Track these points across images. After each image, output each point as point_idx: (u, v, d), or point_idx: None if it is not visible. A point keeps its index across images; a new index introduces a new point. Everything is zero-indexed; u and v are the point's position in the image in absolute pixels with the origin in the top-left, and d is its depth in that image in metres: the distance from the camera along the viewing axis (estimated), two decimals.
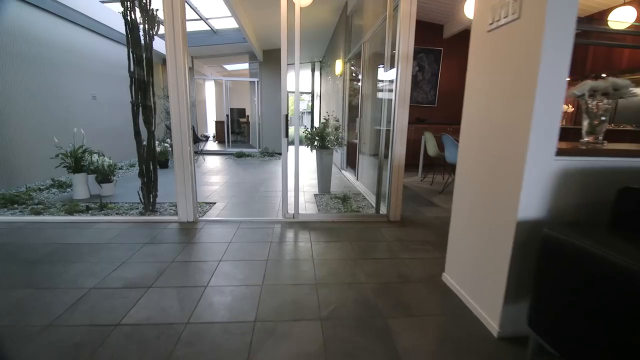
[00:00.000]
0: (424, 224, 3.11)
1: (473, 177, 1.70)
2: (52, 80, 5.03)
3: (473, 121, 1.71)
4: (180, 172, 2.83)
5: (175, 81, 2.68)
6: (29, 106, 4.62)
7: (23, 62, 4.53)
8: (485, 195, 1.59)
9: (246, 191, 4.48)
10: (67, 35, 5.37)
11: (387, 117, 4.32)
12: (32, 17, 4.69)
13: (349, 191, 4.46)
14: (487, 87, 1.59)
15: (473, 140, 1.71)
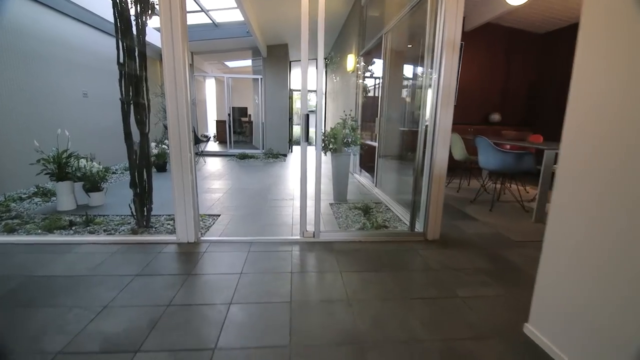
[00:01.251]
0: (467, 243, 2.63)
1: (589, 194, 1.22)
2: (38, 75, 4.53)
3: (590, 121, 1.23)
4: (179, 183, 2.34)
5: (172, 76, 2.19)
6: (10, 104, 4.13)
7: (4, 55, 4.03)
8: (615, 222, 1.11)
9: (253, 199, 4.00)
10: (55, 26, 4.87)
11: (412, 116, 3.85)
12: (15, 6, 4.19)
13: (368, 199, 3.98)
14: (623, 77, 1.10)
15: (587, 144, 1.22)
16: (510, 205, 3.85)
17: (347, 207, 3.72)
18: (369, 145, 4.85)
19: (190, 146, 2.30)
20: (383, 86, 4.09)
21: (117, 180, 5.03)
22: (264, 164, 7.22)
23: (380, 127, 4.18)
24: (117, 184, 4.76)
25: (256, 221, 3.16)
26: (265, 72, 8.45)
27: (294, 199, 4.11)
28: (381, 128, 4.16)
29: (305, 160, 2.47)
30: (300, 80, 2.35)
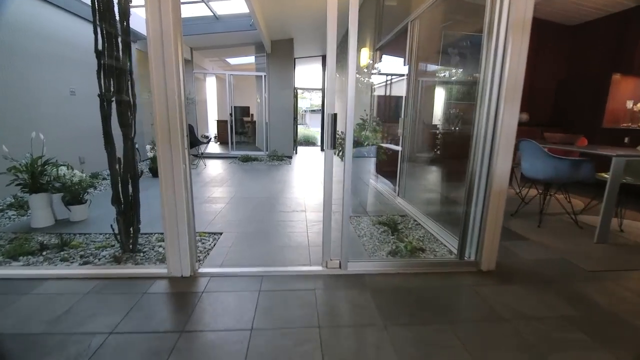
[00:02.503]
0: (531, 275, 2.11)
1: None
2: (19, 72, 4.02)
3: None
4: (170, 203, 1.83)
5: (160, 68, 1.67)
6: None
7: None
8: None
9: (259, 211, 3.48)
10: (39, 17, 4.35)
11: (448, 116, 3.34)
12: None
13: (391, 211, 3.46)
14: None
15: None
16: (557, 219, 3.32)
17: (370, 222, 3.20)
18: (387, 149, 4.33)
19: (184, 155, 1.79)
20: (409, 82, 3.57)
21: (107, 189, 4.52)
22: (268, 167, 6.71)
23: (405, 128, 3.66)
24: (107, 193, 4.25)
25: (265, 241, 2.65)
26: (269, 69, 7.93)
27: (306, 210, 3.59)
28: (406, 129, 3.64)
29: (331, 172, 1.94)
30: (326, 70, 1.84)
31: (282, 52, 7.84)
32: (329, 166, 1.92)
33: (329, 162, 1.91)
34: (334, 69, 1.82)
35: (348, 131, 1.84)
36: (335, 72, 1.82)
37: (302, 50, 8.92)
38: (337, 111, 1.84)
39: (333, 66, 1.81)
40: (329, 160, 1.91)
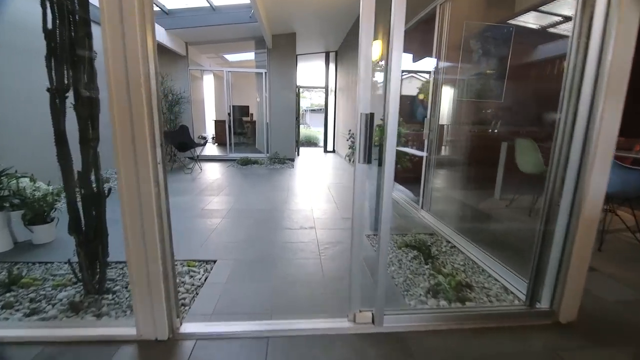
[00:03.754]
0: (624, 329, 1.58)
1: None
2: None
3: None
4: (137, 240, 1.28)
5: (119, 49, 1.13)
6: None
7: None
8: None
9: (262, 229, 2.95)
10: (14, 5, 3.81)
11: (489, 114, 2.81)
12: None
13: (415, 227, 2.94)
14: None
15: None
16: (614, 238, 2.80)
17: (394, 242, 2.67)
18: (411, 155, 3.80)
19: (156, 172, 1.25)
20: (439, 75, 3.04)
21: None
22: (269, 171, 6.17)
23: (432, 130, 3.13)
24: None
25: (269, 273, 2.11)
26: (270, 65, 7.39)
27: (315, 226, 3.06)
28: (432, 132, 3.11)
29: (363, 197, 1.41)
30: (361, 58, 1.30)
31: (283, 47, 7.30)
32: (360, 188, 1.38)
33: (360, 184, 1.38)
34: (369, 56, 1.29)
35: (389, 139, 1.31)
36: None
37: (304, 46, 8.39)
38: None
39: (368, 51, 1.28)
40: (360, 180, 1.38)
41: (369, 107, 1.31)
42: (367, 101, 1.30)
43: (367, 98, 1.30)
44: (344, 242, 2.69)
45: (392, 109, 1.29)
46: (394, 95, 1.28)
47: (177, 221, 3.09)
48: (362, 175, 1.37)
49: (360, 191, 1.38)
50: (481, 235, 2.75)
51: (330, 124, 10.18)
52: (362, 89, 1.30)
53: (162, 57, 7.09)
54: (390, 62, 1.27)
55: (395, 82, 1.28)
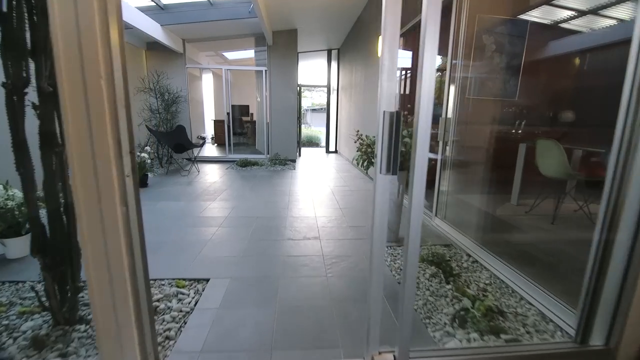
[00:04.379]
0: None
1: None
2: None
3: None
4: (101, 277, 1.01)
5: (72, 30, 0.85)
6: None
7: None
8: None
9: (262, 240, 2.68)
10: None
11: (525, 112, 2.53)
12: None
13: (429, 237, 2.66)
14: None
15: None
16: None
17: None
18: None
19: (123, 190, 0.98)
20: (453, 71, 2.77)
21: None
22: (270, 173, 5.91)
23: (447, 131, 2.86)
24: None
25: (269, 297, 1.85)
26: (270, 63, 7.12)
27: (320, 237, 2.80)
28: (448, 132, 2.83)
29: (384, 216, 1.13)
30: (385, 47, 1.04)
31: (284, 44, 7.03)
32: (381, 206, 1.11)
33: (381, 201, 1.10)
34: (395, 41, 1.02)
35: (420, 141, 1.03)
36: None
37: (305, 43, 8.12)
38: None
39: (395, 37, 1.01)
40: (381, 196, 1.10)
41: (395, 103, 1.03)
42: (393, 96, 1.03)
43: (393, 92, 1.03)
44: (352, 255, 2.42)
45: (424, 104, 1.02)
46: (427, 88, 1.01)
47: (168, 231, 2.83)
48: (384, 189, 1.09)
49: (381, 210, 1.11)
50: (505, 247, 2.48)
51: (333, 124, 9.91)
52: (385, 81, 1.03)
53: (158, 55, 6.83)
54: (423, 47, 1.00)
55: (429, 71, 1.01)
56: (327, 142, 10.03)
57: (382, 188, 1.09)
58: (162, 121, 6.42)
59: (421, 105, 1.01)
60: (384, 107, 1.04)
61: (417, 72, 1.02)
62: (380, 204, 1.10)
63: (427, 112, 1.02)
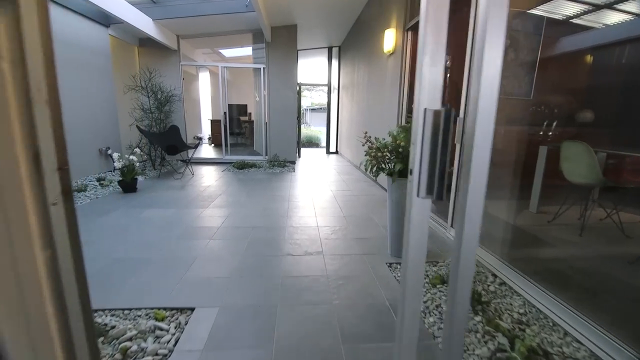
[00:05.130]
0: None
1: None
2: None
3: None
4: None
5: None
6: None
7: None
8: None
9: (257, 256, 2.37)
10: None
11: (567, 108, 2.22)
12: None
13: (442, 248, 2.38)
14: None
15: None
16: None
17: (425, 276, 2.10)
18: None
19: (51, 219, 0.67)
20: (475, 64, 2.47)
21: None
22: (268, 176, 5.60)
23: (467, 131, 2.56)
24: None
25: (265, 333, 1.54)
26: (269, 60, 6.82)
27: (323, 251, 2.49)
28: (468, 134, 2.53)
29: (421, 251, 0.82)
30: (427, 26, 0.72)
31: (284, 40, 6.73)
32: (418, 241, 0.80)
33: (419, 233, 0.79)
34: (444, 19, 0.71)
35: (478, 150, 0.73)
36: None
37: (305, 41, 7.81)
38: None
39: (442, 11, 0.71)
40: (419, 226, 0.79)
41: (440, 98, 0.73)
42: (438, 88, 0.73)
43: (438, 83, 0.73)
44: (361, 275, 2.12)
45: (486, 97, 0.72)
46: (491, 80, 0.71)
47: (153, 246, 2.52)
48: (422, 216, 0.79)
49: (418, 247, 0.80)
50: (535, 265, 2.18)
51: (333, 124, 9.61)
52: (428, 65, 0.72)
53: (151, 52, 6.51)
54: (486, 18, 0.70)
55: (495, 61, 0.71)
56: (328, 143, 9.73)
57: (419, 215, 0.78)
58: (155, 121, 6.10)
59: (480, 101, 0.71)
60: (426, 104, 0.73)
61: (473, 56, 0.72)
62: (417, 238, 0.79)
63: (489, 112, 0.71)
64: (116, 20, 5.31)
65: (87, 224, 3.01)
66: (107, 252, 2.40)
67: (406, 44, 3.86)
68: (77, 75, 4.78)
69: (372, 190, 4.64)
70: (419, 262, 0.81)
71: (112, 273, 2.09)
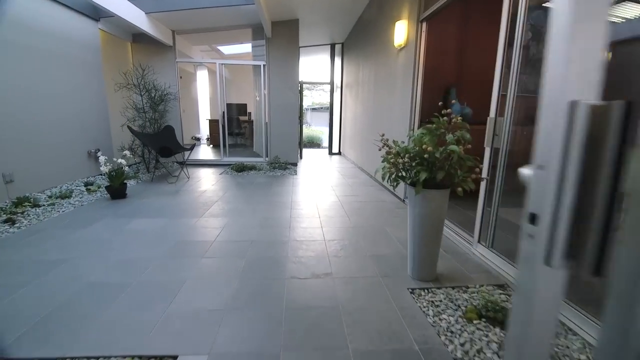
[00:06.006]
0: None
1: None
2: None
3: None
4: None
5: None
6: None
7: None
8: None
9: (257, 280, 2.02)
10: None
11: None
12: None
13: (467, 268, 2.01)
14: None
15: None
16: None
17: (453, 303, 1.76)
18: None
19: None
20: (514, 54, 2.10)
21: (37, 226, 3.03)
22: (268, 179, 5.25)
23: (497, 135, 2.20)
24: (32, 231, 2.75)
25: None
26: (269, 57, 6.47)
27: (332, 272, 2.15)
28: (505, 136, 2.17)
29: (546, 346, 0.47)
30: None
31: (285, 36, 6.37)
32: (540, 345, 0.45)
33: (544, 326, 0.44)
34: None
35: None
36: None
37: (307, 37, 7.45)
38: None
39: None
40: (546, 313, 0.44)
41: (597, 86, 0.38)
42: (597, 69, 0.37)
43: (597, 61, 0.37)
44: (380, 307, 1.77)
45: None
46: None
47: (134, 266, 2.16)
48: (550, 303, 0.43)
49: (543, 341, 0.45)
50: (584, 292, 1.83)
51: (336, 124, 9.26)
52: (580, 22, 0.37)
53: (146, 48, 6.16)
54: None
55: None
56: (330, 143, 9.38)
57: (545, 301, 0.43)
58: (150, 121, 5.75)
59: None
60: (573, 93, 0.38)
61: None
62: (540, 340, 0.44)
63: None
64: (106, 13, 4.96)
65: (64, 237, 2.67)
66: (81, 274, 2.05)
67: (420, 36, 3.50)
68: (63, 72, 4.44)
69: (381, 195, 4.30)
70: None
71: (82, 303, 1.75)
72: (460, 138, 1.83)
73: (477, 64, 3.93)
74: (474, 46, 3.88)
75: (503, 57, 2.18)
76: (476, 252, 2.40)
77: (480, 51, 3.91)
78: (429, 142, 1.85)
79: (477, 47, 3.90)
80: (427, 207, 1.92)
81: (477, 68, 3.93)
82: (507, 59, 2.16)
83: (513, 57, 2.07)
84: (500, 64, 2.20)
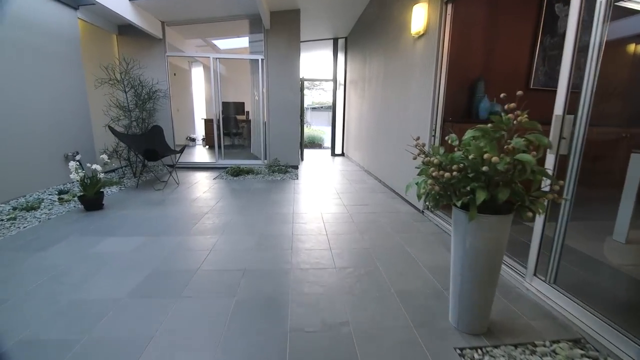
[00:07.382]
0: None
1: None
2: None
3: None
4: None
5: None
6: None
7: None
8: None
9: (253, 330, 1.50)
10: None
11: None
12: None
13: (524, 313, 1.49)
14: None
15: None
16: None
17: None
18: None
19: None
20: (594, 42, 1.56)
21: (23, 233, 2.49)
22: (267, 184, 4.72)
23: (565, 137, 1.67)
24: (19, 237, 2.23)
25: None
26: (268, 51, 5.94)
27: (351, 324, 1.62)
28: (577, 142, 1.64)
29: None
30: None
31: (285, 28, 5.84)
32: None
33: None
34: None
35: None
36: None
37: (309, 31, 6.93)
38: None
39: None
40: None
41: None
42: None
43: None
44: None
45: None
46: None
47: (89, 313, 1.59)
48: None
49: None
50: None
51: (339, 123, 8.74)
52: None
53: (133, 41, 5.63)
54: None
55: None
56: (333, 144, 8.85)
57: None
58: (136, 121, 5.22)
59: None
60: None
61: None
62: None
63: None
64: (89, 1, 4.44)
65: (12, 265, 2.14)
66: (15, 325, 1.53)
67: (445, 20, 2.98)
68: (36, 65, 3.90)
69: (394, 204, 3.77)
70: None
71: None
72: (533, 143, 1.30)
73: (507, 53, 3.40)
74: (504, 34, 3.35)
75: (575, 36, 1.64)
76: (531, 287, 1.88)
77: (511, 39, 3.39)
78: (488, 150, 1.33)
79: (508, 34, 3.37)
80: (484, 238, 1.40)
81: (507, 58, 3.40)
82: (575, 44, 1.63)
83: (594, 34, 1.54)
84: (573, 46, 1.66)
